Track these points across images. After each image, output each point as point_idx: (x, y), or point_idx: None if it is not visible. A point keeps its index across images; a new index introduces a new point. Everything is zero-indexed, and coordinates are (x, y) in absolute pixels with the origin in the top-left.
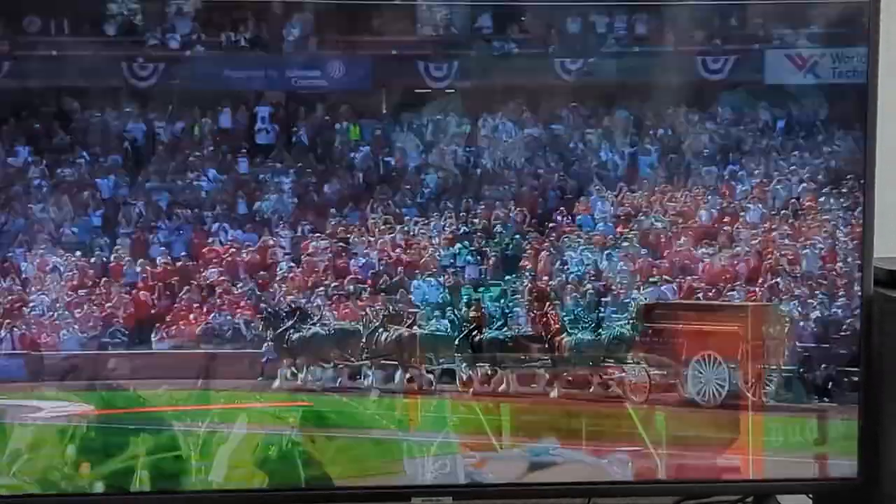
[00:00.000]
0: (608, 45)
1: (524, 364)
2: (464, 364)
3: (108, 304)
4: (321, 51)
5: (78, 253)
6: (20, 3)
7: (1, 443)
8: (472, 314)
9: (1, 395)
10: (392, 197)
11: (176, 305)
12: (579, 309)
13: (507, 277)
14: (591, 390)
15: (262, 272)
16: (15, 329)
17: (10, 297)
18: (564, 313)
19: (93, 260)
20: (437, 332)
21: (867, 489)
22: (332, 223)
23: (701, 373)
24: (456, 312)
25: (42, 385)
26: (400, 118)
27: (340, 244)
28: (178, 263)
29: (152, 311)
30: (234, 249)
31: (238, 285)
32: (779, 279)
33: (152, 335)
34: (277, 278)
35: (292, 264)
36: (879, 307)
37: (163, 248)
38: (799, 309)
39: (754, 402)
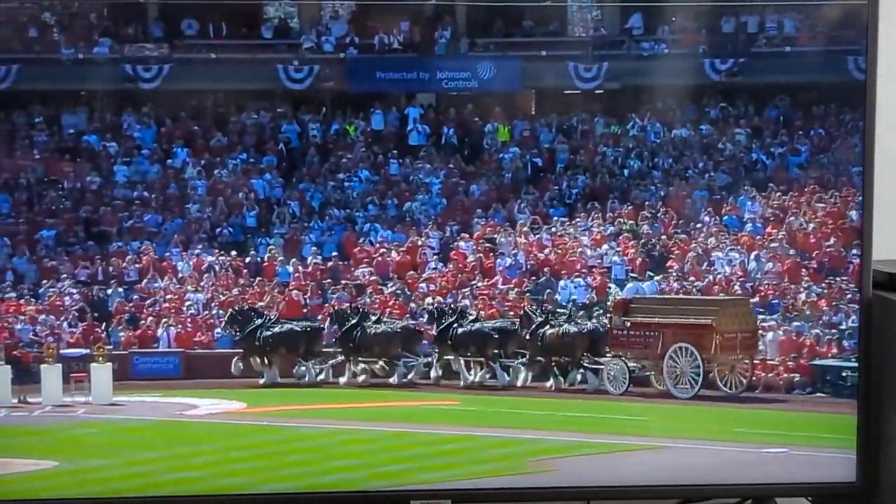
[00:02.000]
0: (758, 46)
1: None
2: None
3: (261, 304)
4: (471, 52)
5: (233, 252)
6: (179, 7)
7: (161, 441)
8: None
9: (157, 393)
10: (540, 197)
11: (326, 305)
12: None
13: (656, 278)
14: None
15: (411, 272)
16: (171, 328)
17: (167, 296)
18: None
19: (247, 259)
20: None
21: (866, 493)
22: (480, 223)
23: None
24: None
25: (197, 383)
26: (549, 119)
27: (488, 244)
28: (329, 263)
29: (304, 310)
30: (384, 249)
31: (388, 285)
32: None
33: None
34: (425, 277)
35: (440, 264)
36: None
37: (314, 248)
38: None
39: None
